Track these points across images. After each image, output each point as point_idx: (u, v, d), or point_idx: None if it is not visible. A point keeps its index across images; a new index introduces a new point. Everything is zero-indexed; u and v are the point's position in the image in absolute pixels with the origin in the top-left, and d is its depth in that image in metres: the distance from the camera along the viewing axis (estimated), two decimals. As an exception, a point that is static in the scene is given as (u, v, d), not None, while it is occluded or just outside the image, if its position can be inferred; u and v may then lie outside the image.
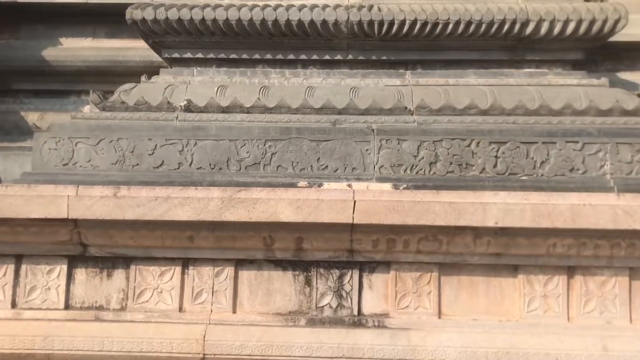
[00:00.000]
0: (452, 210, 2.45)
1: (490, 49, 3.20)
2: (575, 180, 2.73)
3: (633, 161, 2.72)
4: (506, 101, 2.96)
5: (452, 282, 2.63)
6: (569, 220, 2.40)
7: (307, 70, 3.30)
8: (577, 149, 2.76)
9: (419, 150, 2.82)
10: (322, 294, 2.66)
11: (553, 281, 2.57)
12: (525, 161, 2.78)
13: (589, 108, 2.91)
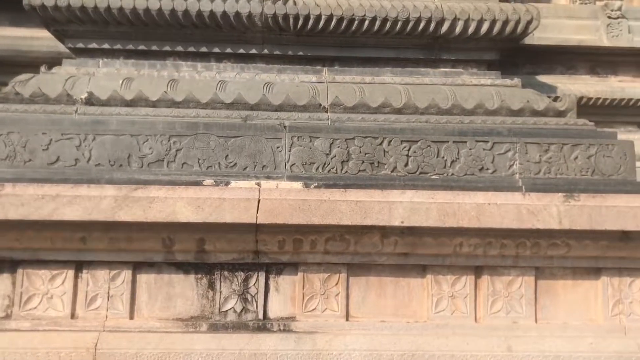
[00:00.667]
0: (358, 209, 2.37)
1: (406, 48, 3.15)
2: (484, 179, 2.70)
3: (541, 161, 2.72)
4: (420, 100, 2.91)
5: (360, 283, 2.55)
6: (474, 219, 2.36)
7: (220, 64, 3.15)
8: (487, 148, 2.74)
9: (332, 148, 2.73)
10: (226, 298, 2.51)
11: (461, 281, 2.53)
12: (436, 160, 2.73)
13: (501, 108, 2.90)
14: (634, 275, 2.53)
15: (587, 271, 2.55)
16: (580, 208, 2.36)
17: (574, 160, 2.72)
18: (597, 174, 2.71)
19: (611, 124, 4.27)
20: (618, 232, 2.41)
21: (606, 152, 2.72)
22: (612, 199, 2.41)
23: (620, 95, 4.15)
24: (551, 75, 4.35)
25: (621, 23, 4.20)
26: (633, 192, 2.62)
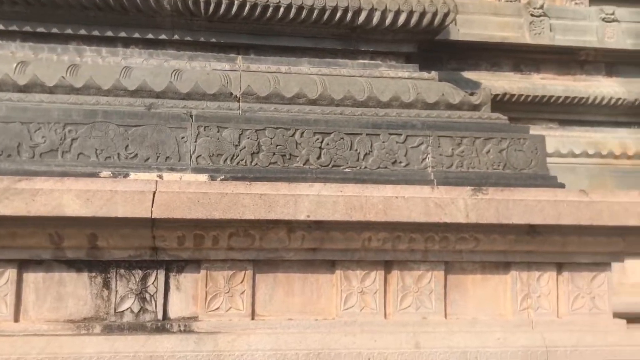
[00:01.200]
0: (262, 203, 2.24)
1: (324, 37, 3.05)
2: (397, 173, 2.63)
3: (453, 154, 2.68)
4: (336, 91, 2.82)
5: (267, 281, 2.43)
6: (381, 213, 2.28)
7: (127, 49, 2.95)
8: (400, 141, 2.67)
9: (241, 139, 2.59)
10: (122, 298, 2.34)
11: (370, 277, 2.45)
12: (349, 153, 2.64)
13: (416, 101, 2.84)
14: (542, 269, 2.51)
15: (496, 265, 2.52)
16: (487, 202, 2.32)
17: (486, 154, 2.69)
18: (509, 168, 2.69)
19: (533, 120, 4.32)
20: (525, 226, 2.38)
21: (518, 146, 2.71)
22: (520, 193, 2.38)
23: (542, 92, 4.20)
24: (476, 71, 4.36)
25: (543, 21, 4.24)
26: (543, 186, 2.61)
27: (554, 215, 2.32)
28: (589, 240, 2.44)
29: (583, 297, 2.52)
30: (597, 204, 2.35)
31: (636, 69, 4.42)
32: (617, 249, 2.48)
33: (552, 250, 2.47)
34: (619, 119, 4.33)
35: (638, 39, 4.29)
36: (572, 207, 2.34)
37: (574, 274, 2.53)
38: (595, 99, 4.20)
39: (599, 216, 2.34)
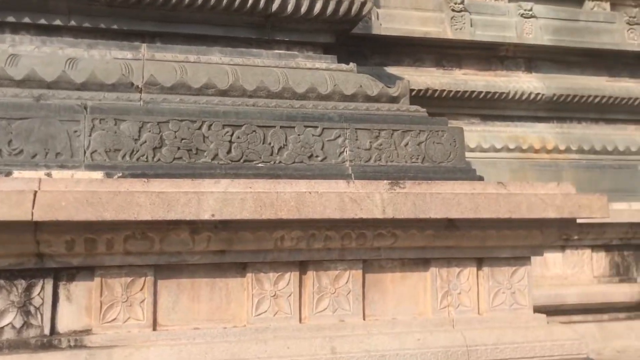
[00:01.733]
0: (160, 201, 2.01)
1: (237, 26, 2.85)
2: (313, 167, 2.47)
3: (371, 147, 2.54)
4: (249, 82, 2.62)
5: (171, 287, 2.19)
6: (293, 209, 2.10)
7: (17, 36, 2.64)
8: (316, 134, 2.50)
9: (141, 132, 2.35)
10: (2, 312, 2.05)
11: (284, 279, 2.26)
12: (262, 147, 2.45)
13: (333, 93, 2.68)
14: (462, 265, 2.41)
15: (415, 262, 2.40)
16: (404, 196, 2.18)
17: (404, 147, 2.57)
18: (428, 161, 2.58)
19: (456, 115, 4.27)
20: (444, 220, 2.27)
21: (436, 138, 2.60)
22: (438, 186, 2.27)
23: (463, 87, 4.16)
24: (399, 67, 4.27)
25: (464, 16, 4.21)
26: (462, 179, 2.52)
27: (472, 208, 2.22)
28: (508, 234, 2.36)
29: (504, 292, 2.44)
30: (516, 196, 2.27)
31: (554, 64, 4.47)
32: (536, 242, 2.41)
33: (472, 245, 2.38)
34: (538, 114, 4.36)
35: (555, 35, 4.33)
36: (490, 199, 2.24)
37: (494, 269, 2.44)
38: (515, 94, 4.21)
39: (517, 209, 2.26)
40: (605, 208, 2.31)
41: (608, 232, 3.84)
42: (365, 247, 2.29)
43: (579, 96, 4.28)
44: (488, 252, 2.42)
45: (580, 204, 2.30)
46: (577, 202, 2.29)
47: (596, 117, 4.43)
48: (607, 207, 2.31)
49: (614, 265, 3.95)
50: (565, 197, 2.29)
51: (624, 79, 4.52)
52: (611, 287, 3.81)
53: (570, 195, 2.30)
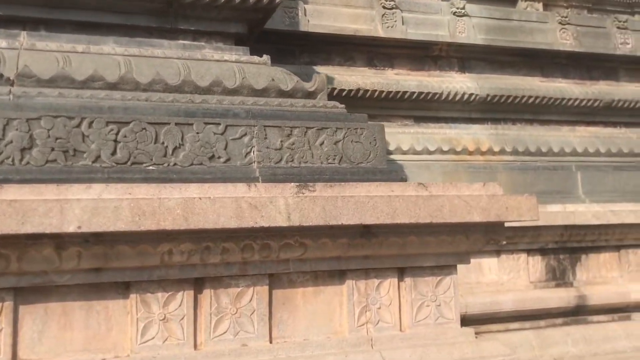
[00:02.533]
0: (13, 211, 1.64)
1: (135, 13, 2.49)
2: (215, 170, 2.14)
3: (283, 147, 2.23)
4: (143, 74, 2.27)
5: (36, 313, 1.81)
6: (180, 219, 1.76)
7: None
8: (218, 132, 2.18)
9: (6, 131, 1.96)
10: None
11: (176, 299, 1.92)
12: (154, 147, 2.10)
13: (242, 87, 2.37)
14: (382, 276, 2.13)
15: (330, 275, 2.10)
16: (313, 200, 1.88)
17: (319, 146, 2.27)
18: (346, 162, 2.30)
19: (389, 117, 4.02)
20: (358, 227, 1.99)
21: (355, 137, 2.32)
22: (352, 189, 1.98)
23: (395, 87, 3.91)
24: (329, 66, 3.99)
25: (395, 14, 3.97)
26: (382, 180, 2.24)
27: (389, 213, 1.94)
28: (431, 241, 2.10)
29: (428, 305, 2.17)
30: (437, 198, 2.01)
31: (488, 65, 4.29)
32: (461, 248, 2.15)
33: (392, 254, 2.10)
34: (472, 115, 4.16)
35: (489, 34, 4.16)
36: (408, 202, 1.97)
37: (418, 280, 2.17)
38: (448, 95, 3.99)
39: (439, 212, 1.99)
40: (534, 210, 2.07)
41: (543, 235, 3.66)
42: (271, 259, 1.97)
43: (513, 97, 4.11)
44: (410, 261, 2.14)
45: (507, 206, 2.06)
46: (505, 204, 2.05)
47: (530, 118, 4.28)
48: (536, 208, 2.08)
49: (550, 270, 3.77)
50: (491, 199, 2.04)
51: (557, 80, 4.39)
52: (548, 292, 3.63)
53: (497, 196, 2.05)
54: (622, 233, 3.81)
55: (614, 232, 3.79)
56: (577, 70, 4.44)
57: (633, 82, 4.54)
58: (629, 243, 3.88)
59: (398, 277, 2.15)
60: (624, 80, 4.54)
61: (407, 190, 2.03)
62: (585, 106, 4.27)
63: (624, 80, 4.54)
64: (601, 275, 3.83)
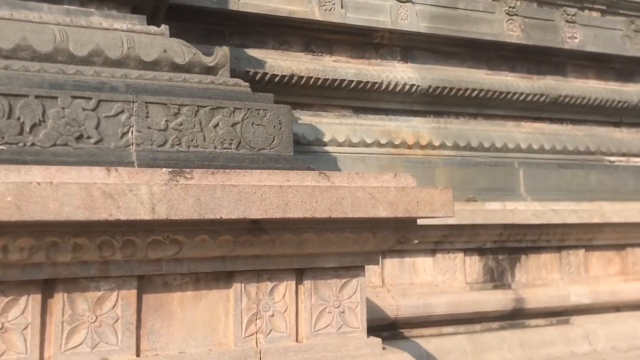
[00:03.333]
0: None
1: (10, -29, 2.13)
2: (82, 152, 1.79)
3: (168, 128, 1.90)
4: (8, 40, 1.91)
5: None
6: (11, 208, 1.41)
7: None
8: (89, 108, 1.83)
9: None
10: None
11: (19, 305, 1.57)
12: (7, 123, 1.74)
13: (127, 58, 2.02)
14: (277, 278, 1.82)
15: (215, 277, 1.78)
16: (184, 189, 1.56)
17: (213, 128, 1.95)
18: (245, 147, 1.98)
19: (326, 107, 3.73)
20: (246, 222, 1.67)
21: (256, 119, 2.00)
22: (238, 177, 1.66)
23: (332, 75, 3.61)
24: (262, 49, 3.66)
25: (334, -4, 3.67)
26: (286, 169, 1.93)
27: (280, 205, 1.63)
28: (332, 238, 1.80)
29: (330, 312, 1.88)
30: (338, 190, 1.71)
31: (432, 55, 4.02)
32: (368, 247, 1.86)
33: (288, 253, 1.79)
34: (414, 107, 3.90)
35: (433, 22, 3.89)
36: (304, 194, 1.67)
37: (319, 283, 1.87)
38: (389, 85, 3.71)
39: (339, 206, 1.70)
40: (449, 205, 1.79)
41: (481, 234, 3.42)
42: (138, 259, 1.64)
43: (456, 89, 3.86)
44: (309, 262, 1.84)
45: (418, 200, 1.77)
46: (415, 198, 1.77)
47: (475, 112, 4.03)
48: (451, 203, 1.80)
49: (488, 270, 3.53)
50: (400, 192, 1.75)
51: (503, 73, 4.16)
52: (484, 295, 3.39)
53: (407, 189, 1.77)
54: (563, 233, 3.60)
55: (555, 232, 3.58)
56: (524, 64, 4.22)
57: (580, 78, 4.35)
58: (570, 244, 3.68)
59: (296, 280, 1.85)
60: (572, 76, 4.35)
61: (306, 180, 1.73)
62: (532, 101, 4.06)
63: (571, 76, 4.34)
64: (541, 277, 3.61)
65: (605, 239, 3.72)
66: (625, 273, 3.78)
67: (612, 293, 3.63)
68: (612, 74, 4.43)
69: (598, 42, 4.29)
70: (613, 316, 3.65)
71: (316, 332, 1.83)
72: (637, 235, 3.74)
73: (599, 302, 3.60)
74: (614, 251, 3.79)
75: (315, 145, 3.53)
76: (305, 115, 3.67)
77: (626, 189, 3.98)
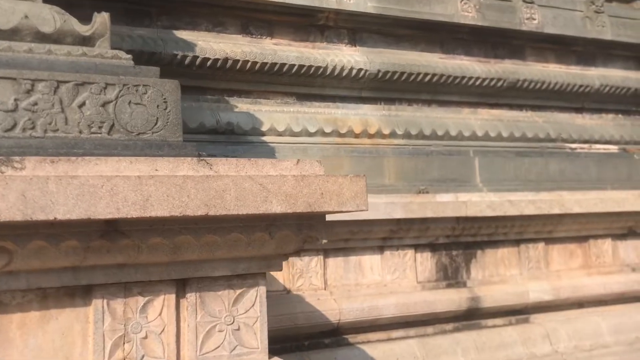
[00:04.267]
0: None
1: None
2: None
3: (18, 109, 1.49)
4: None
5: None
6: None
7: None
8: None
9: None
10: None
11: None
12: None
13: (-23, 25, 1.62)
14: (151, 291, 1.43)
15: (68, 293, 1.38)
16: (3, 182, 1.16)
17: (78, 108, 1.55)
18: (119, 131, 1.58)
19: (266, 93, 3.33)
20: (97, 223, 1.28)
21: (134, 97, 1.60)
22: (86, 166, 1.27)
23: (272, 59, 3.21)
24: (195, 31, 3.23)
25: (272, -29, 3.27)
26: (171, 157, 1.54)
27: (138, 201, 1.24)
28: (217, 241, 1.41)
29: (221, 330, 1.49)
30: (219, 180, 1.32)
31: (383, 38, 3.64)
32: (266, 250, 1.48)
33: (162, 261, 1.41)
34: (363, 94, 3.52)
35: (381, 2, 3.50)
36: (170, 187, 1.28)
37: (206, 295, 1.48)
38: (334, 70, 3.32)
39: (220, 200, 1.31)
40: (361, 196, 1.42)
41: (432, 228, 3.07)
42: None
43: (408, 74, 3.49)
44: (193, 270, 1.45)
45: (323, 191, 1.39)
46: (320, 189, 1.39)
47: (428, 99, 3.67)
48: (364, 194, 1.43)
49: (442, 268, 3.18)
50: (300, 182, 1.37)
51: (458, 57, 3.79)
52: (437, 294, 3.04)
53: (308, 178, 1.39)
54: (521, 226, 3.26)
55: (513, 224, 3.24)
56: (480, 47, 3.86)
57: (540, 61, 4.01)
58: (529, 237, 3.34)
59: (177, 293, 1.46)
60: (531, 59, 4.00)
61: (180, 169, 1.34)
62: (488, 86, 3.71)
63: (530, 60, 4.00)
64: (499, 274, 3.27)
65: (566, 230, 3.39)
66: (588, 266, 3.46)
67: (574, 288, 3.31)
68: (573, 58, 4.10)
69: (558, 24, 3.96)
70: (576, 313, 3.33)
71: (203, 356, 1.45)
72: (599, 226, 3.42)
73: (561, 299, 3.27)
74: (576, 243, 3.47)
75: (252, 135, 3.13)
76: (243, 102, 3.28)
77: (588, 177, 3.65)
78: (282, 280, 2.82)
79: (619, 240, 3.53)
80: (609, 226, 3.43)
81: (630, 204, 3.32)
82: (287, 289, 2.83)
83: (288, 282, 2.83)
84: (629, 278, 3.41)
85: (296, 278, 2.84)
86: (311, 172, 1.45)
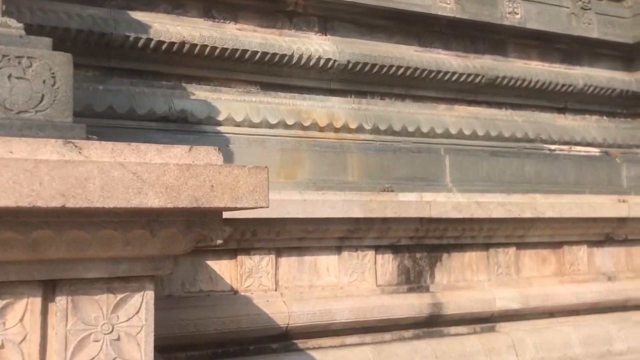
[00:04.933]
0: None
1: None
2: None
3: None
4: None
5: None
6: None
7: None
8: None
9: None
10: None
11: None
12: None
13: None
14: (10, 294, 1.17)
15: None
16: None
17: (-53, 80, 1.33)
18: (-4, 109, 1.35)
19: (227, 82, 3.08)
20: None
21: (16, 70, 1.37)
22: None
23: (232, 44, 2.97)
24: (152, 12, 2.98)
25: (236, -49, 3.03)
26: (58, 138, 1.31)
27: (-27, 188, 1.02)
28: (85, 238, 1.18)
29: (97, 339, 1.26)
30: (83, 166, 1.09)
31: (356, 28, 3.39)
32: (149, 250, 1.25)
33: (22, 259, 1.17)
34: (332, 85, 3.27)
35: (353, -11, 3.27)
36: (18, 172, 1.05)
37: (80, 300, 1.25)
38: (300, 59, 3.08)
39: (82, 190, 1.08)
40: (261, 191, 1.19)
41: (394, 229, 2.83)
42: None
43: (380, 66, 3.24)
44: (63, 271, 1.22)
45: (214, 184, 1.16)
46: (210, 181, 1.16)
47: (402, 93, 3.42)
48: (265, 189, 1.20)
49: (404, 271, 2.94)
50: (185, 171, 1.14)
51: (435, 50, 3.54)
52: (396, 299, 2.80)
53: (196, 167, 1.15)
54: (490, 229, 3.02)
55: (482, 227, 3.00)
56: (459, 41, 3.61)
57: (522, 58, 3.76)
58: (499, 241, 3.10)
59: (44, 296, 1.23)
60: (513, 55, 3.75)
61: (41, 152, 1.11)
62: (466, 82, 3.46)
63: (512, 56, 3.74)
64: (465, 279, 3.03)
65: (539, 235, 3.15)
66: (561, 274, 3.22)
67: (545, 297, 3.07)
68: (557, 55, 3.84)
69: (542, 20, 3.70)
70: (546, 322, 3.09)
71: (72, 371, 1.22)
72: (575, 232, 3.18)
73: (530, 307, 3.03)
74: (550, 249, 3.22)
75: (207, 124, 2.90)
76: (201, 90, 3.04)
77: (566, 180, 3.40)
78: (229, 279, 2.59)
79: (595, 247, 3.28)
80: (585, 232, 3.18)
81: (607, 209, 3.07)
82: (234, 289, 2.61)
83: (236, 281, 2.61)
84: (604, 287, 3.17)
85: (244, 278, 2.62)
86: (206, 161, 1.22)
